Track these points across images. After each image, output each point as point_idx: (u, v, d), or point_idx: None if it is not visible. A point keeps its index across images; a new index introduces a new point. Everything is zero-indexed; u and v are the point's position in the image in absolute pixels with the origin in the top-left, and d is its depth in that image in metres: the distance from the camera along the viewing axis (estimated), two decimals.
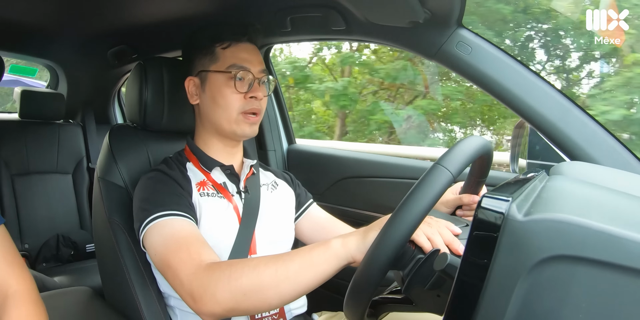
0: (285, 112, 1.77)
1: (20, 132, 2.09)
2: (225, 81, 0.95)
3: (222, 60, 0.96)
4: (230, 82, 0.95)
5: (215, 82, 0.96)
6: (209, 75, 0.97)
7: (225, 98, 0.95)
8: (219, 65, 0.96)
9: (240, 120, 0.96)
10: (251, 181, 1.03)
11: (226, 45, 0.97)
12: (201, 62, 0.99)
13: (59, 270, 1.91)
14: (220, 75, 0.96)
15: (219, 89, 0.96)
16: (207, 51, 0.98)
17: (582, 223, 0.39)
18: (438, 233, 0.69)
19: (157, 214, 0.85)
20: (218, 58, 0.97)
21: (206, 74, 0.98)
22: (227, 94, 0.95)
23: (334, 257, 0.70)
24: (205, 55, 0.98)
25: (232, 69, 0.95)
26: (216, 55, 0.97)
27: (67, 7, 1.43)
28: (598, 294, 0.38)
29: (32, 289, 0.80)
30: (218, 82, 0.96)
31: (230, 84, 0.95)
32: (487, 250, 0.41)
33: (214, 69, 0.96)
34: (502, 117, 5.31)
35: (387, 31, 1.12)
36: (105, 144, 1.09)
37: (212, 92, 0.97)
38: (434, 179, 0.60)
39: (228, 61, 0.96)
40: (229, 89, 0.95)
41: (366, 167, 1.50)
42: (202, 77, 0.98)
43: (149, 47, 1.78)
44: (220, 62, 0.96)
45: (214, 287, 0.71)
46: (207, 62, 0.98)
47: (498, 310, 0.40)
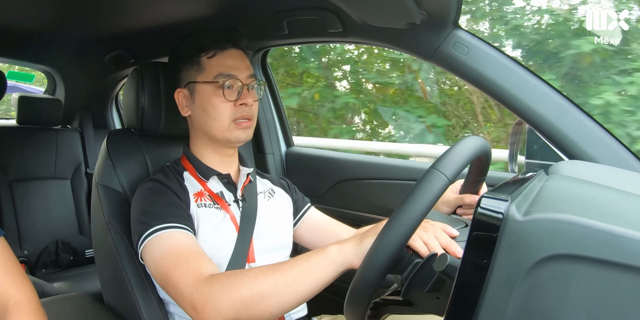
0: (283, 115, 1.77)
1: (18, 138, 2.09)
2: (214, 91, 0.95)
3: (209, 70, 0.96)
4: (218, 91, 0.95)
5: (204, 93, 0.96)
6: (197, 86, 0.97)
7: (216, 108, 0.95)
8: (206, 75, 0.96)
9: (233, 127, 0.96)
10: (248, 189, 1.03)
11: (211, 54, 0.96)
12: (188, 73, 0.98)
13: (58, 276, 1.90)
14: (208, 85, 0.95)
15: (208, 99, 0.95)
16: (193, 62, 0.97)
17: (581, 222, 0.39)
18: (434, 237, 0.69)
19: (155, 227, 0.85)
20: (204, 68, 0.96)
21: (194, 85, 0.97)
22: (216, 103, 0.95)
23: (332, 264, 0.70)
24: (192, 65, 0.97)
25: (219, 78, 0.95)
26: (202, 66, 0.96)
27: (64, 12, 1.44)
28: (598, 292, 0.38)
29: (33, 298, 0.80)
30: (207, 93, 0.95)
31: (218, 93, 0.95)
32: (487, 251, 0.41)
33: (201, 80, 0.96)
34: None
35: (384, 33, 1.12)
36: (103, 149, 1.09)
37: (202, 103, 0.96)
38: (430, 184, 0.60)
39: (214, 70, 0.95)
40: (218, 99, 0.95)
41: (364, 169, 1.50)
42: (190, 89, 0.98)
43: (146, 51, 1.78)
44: (207, 72, 0.96)
45: (215, 298, 0.72)
46: (193, 73, 0.97)
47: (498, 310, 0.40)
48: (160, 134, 1.12)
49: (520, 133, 1.10)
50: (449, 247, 0.68)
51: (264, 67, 1.67)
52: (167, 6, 1.32)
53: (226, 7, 1.26)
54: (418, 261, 0.65)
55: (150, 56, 1.74)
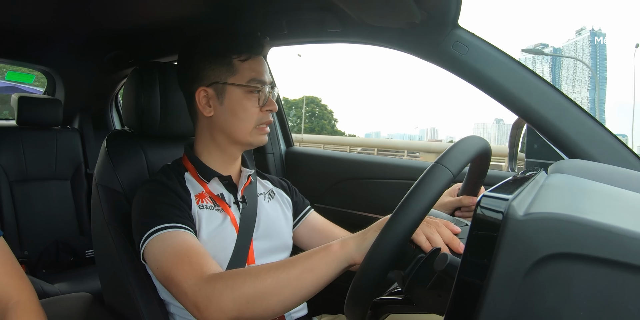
0: (284, 115, 1.77)
1: (18, 138, 2.09)
2: (246, 95, 0.95)
3: (241, 73, 0.95)
4: (250, 95, 0.95)
5: (235, 95, 0.95)
6: (228, 88, 0.95)
7: (247, 111, 0.95)
8: (238, 78, 0.95)
9: (256, 132, 0.97)
10: (248, 191, 1.03)
11: (244, 58, 0.95)
12: (216, 73, 0.95)
13: (59, 277, 1.90)
14: (241, 88, 0.95)
15: (240, 102, 0.95)
16: (223, 62, 0.95)
17: (581, 220, 0.39)
18: (437, 232, 0.69)
19: (157, 227, 0.85)
20: (237, 71, 0.95)
21: (224, 86, 0.95)
22: (248, 107, 0.95)
23: (334, 260, 0.70)
24: (221, 65, 0.95)
25: (252, 83, 0.95)
26: (235, 68, 0.95)
27: (63, 12, 1.43)
28: (599, 291, 0.38)
29: (33, 299, 0.80)
30: (239, 95, 0.95)
31: (251, 97, 0.95)
32: (487, 250, 0.41)
33: (234, 82, 0.95)
34: None
35: (384, 33, 1.12)
36: (102, 150, 1.09)
37: (232, 105, 0.95)
38: (434, 178, 0.60)
39: (247, 74, 0.95)
40: (250, 102, 0.95)
41: (364, 169, 1.50)
42: (217, 89, 0.96)
43: (145, 52, 1.78)
44: (239, 75, 0.95)
45: (218, 297, 0.72)
46: (223, 74, 0.95)
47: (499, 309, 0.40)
48: (160, 134, 1.12)
49: (520, 132, 1.10)
50: (452, 242, 0.68)
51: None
52: (167, 6, 1.32)
53: (226, 7, 1.26)
54: (421, 256, 0.65)
55: (150, 57, 1.74)
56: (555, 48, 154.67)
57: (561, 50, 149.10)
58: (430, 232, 0.68)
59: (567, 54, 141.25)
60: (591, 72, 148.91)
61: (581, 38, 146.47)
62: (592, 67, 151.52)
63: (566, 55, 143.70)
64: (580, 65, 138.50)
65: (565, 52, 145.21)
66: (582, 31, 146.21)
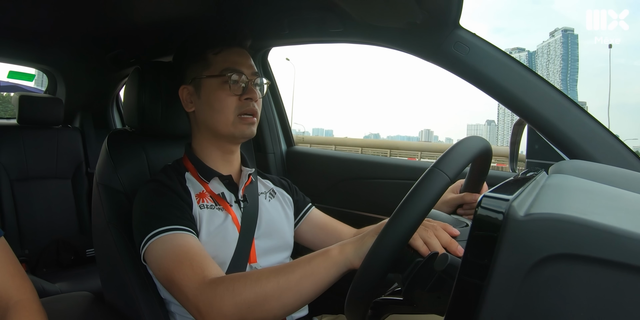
0: (284, 115, 1.77)
1: (19, 137, 2.09)
2: (220, 85, 0.96)
3: (215, 65, 0.97)
4: (224, 85, 0.95)
5: (209, 87, 0.96)
6: (203, 81, 0.97)
7: (222, 101, 0.95)
8: (212, 70, 0.96)
9: (238, 122, 0.96)
10: (249, 190, 1.03)
11: (217, 51, 0.97)
12: (194, 70, 0.99)
13: (59, 275, 1.91)
14: (214, 79, 0.96)
15: (214, 92, 0.96)
16: (199, 58, 0.98)
17: (582, 221, 0.39)
18: (435, 236, 0.69)
19: (158, 229, 0.85)
20: (210, 64, 0.97)
21: (200, 80, 0.98)
22: (222, 97, 0.95)
23: (333, 265, 0.71)
24: (197, 62, 0.98)
25: (226, 72, 0.95)
26: (208, 61, 0.97)
27: (64, 12, 1.43)
28: (599, 292, 0.37)
29: (34, 299, 0.80)
30: (213, 87, 0.96)
31: (224, 87, 0.95)
32: (488, 250, 0.41)
33: (208, 74, 0.97)
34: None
35: (385, 33, 1.12)
36: (103, 149, 1.09)
37: (207, 97, 0.97)
38: (431, 183, 0.60)
39: (220, 65, 0.96)
40: (224, 92, 0.95)
41: (365, 169, 1.50)
42: (196, 84, 0.98)
43: (146, 51, 1.78)
44: (213, 68, 0.97)
45: (220, 302, 0.72)
46: (199, 69, 0.98)
47: (499, 309, 0.40)
48: (161, 133, 1.12)
49: (520, 132, 1.10)
50: (450, 246, 0.68)
51: (265, 66, 1.67)
52: (168, 6, 1.32)
53: (227, 7, 1.26)
54: (419, 260, 0.65)
55: (151, 56, 1.74)
56: (531, 52, 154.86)
57: (535, 54, 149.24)
58: (427, 236, 0.69)
59: (540, 56, 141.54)
60: (561, 75, 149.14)
61: (554, 40, 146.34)
62: (562, 69, 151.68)
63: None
64: (553, 67, 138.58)
65: (539, 55, 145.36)
66: (555, 33, 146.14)
